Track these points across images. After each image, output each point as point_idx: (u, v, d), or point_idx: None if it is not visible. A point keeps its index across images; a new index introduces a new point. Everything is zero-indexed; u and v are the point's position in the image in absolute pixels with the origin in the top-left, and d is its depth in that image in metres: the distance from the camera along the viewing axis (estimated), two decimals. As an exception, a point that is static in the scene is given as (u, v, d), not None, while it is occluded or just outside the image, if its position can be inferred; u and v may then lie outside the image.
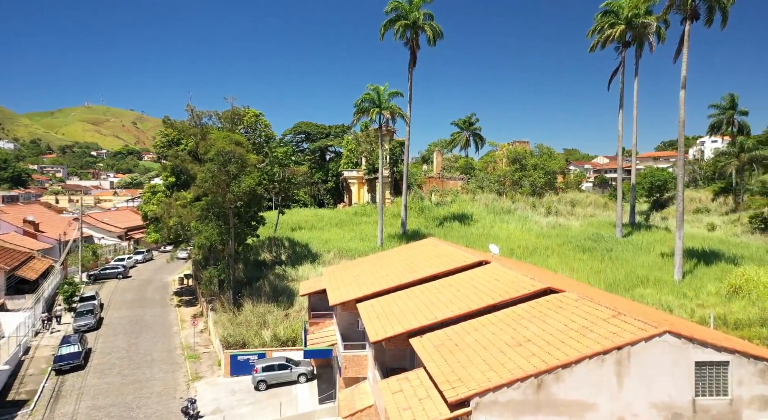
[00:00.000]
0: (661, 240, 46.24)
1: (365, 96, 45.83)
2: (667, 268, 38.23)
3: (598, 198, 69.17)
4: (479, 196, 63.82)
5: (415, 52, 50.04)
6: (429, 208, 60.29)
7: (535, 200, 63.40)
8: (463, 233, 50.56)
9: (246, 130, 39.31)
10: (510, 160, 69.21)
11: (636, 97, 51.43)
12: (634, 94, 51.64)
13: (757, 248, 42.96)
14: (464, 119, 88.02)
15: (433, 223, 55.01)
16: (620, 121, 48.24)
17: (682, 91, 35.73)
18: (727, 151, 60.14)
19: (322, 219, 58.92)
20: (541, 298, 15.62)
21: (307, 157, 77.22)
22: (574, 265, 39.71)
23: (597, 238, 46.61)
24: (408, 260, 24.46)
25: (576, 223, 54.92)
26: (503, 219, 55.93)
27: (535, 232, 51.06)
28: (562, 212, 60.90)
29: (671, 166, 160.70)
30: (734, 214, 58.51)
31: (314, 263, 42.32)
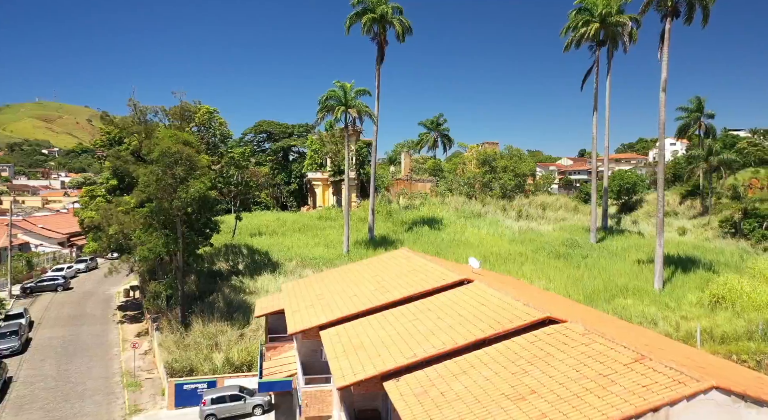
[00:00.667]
0: (635, 245, 45.07)
1: (330, 93, 42.87)
2: (645, 276, 36.82)
3: (568, 201, 68.19)
4: (449, 199, 61.71)
5: (383, 47, 47.40)
6: (397, 211, 57.75)
7: (505, 203, 61.75)
8: (433, 239, 48.21)
9: (199, 128, 35.78)
10: (479, 161, 67.44)
11: (608, 98, 50.26)
12: (607, 96, 50.48)
13: (731, 254, 42.21)
14: (432, 119, 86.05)
15: (401, 228, 52.46)
16: (594, 122, 46.92)
17: (662, 94, 34.32)
18: (696, 154, 59.90)
19: (285, 223, 55.52)
20: (540, 330, 13.17)
21: (269, 158, 73.55)
22: (550, 274, 37.87)
23: (571, 244, 45.05)
24: (378, 276, 21.69)
25: (548, 228, 53.39)
26: (474, 223, 53.91)
27: (507, 237, 49.18)
28: (533, 216, 59.42)
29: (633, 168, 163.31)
30: (703, 218, 58.27)
31: (275, 273, 39.07)
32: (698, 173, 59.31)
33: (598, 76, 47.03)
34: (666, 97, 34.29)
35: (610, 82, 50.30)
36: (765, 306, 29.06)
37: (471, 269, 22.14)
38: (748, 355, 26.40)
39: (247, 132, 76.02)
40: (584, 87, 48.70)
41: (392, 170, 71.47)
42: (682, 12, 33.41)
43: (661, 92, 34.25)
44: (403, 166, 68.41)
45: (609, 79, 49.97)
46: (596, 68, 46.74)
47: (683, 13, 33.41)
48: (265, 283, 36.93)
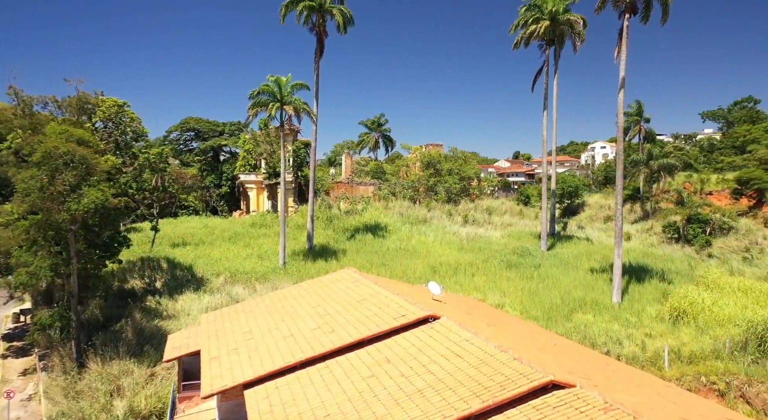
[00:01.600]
0: (586, 253, 43.66)
1: (263, 88, 38.30)
2: (601, 287, 35.08)
3: (513, 205, 66.90)
4: (393, 204, 58.51)
5: (322, 39, 43.37)
6: (338, 217, 53.83)
7: (451, 208, 59.34)
8: (378, 247, 44.71)
9: (105, 124, 30.30)
10: (424, 164, 64.74)
11: (555, 99, 48.92)
12: (554, 97, 49.10)
13: (680, 261, 41.60)
14: (373, 119, 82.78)
15: (343, 236, 48.60)
16: (545, 123, 45.14)
17: (620, 93, 32.56)
18: (637, 158, 60.09)
19: (213, 231, 50.17)
20: (541, 399, 9.88)
21: (197, 158, 67.35)
22: (503, 286, 35.36)
23: (522, 252, 42.95)
24: (320, 307, 17.80)
25: (496, 234, 51.31)
26: (420, 230, 50.95)
27: (455, 245, 46.52)
28: (479, 221, 57.33)
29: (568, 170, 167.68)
30: (645, 223, 58.42)
31: (199, 291, 34.06)
32: (640, 177, 59.45)
33: (548, 75, 45.36)
34: (624, 96, 32.56)
35: (557, 83, 48.95)
36: (728, 321, 27.70)
37: (431, 296, 18.74)
38: (716, 376, 24.76)
39: (172, 129, 69.40)
40: (535, 87, 46.97)
41: (332, 172, 67.45)
42: (640, 9, 31.75)
43: (619, 92, 32.48)
44: (344, 168, 64.53)
45: (556, 80, 48.59)
46: (546, 67, 45.03)
47: (641, 10, 31.75)
48: (187, 304, 31.93)
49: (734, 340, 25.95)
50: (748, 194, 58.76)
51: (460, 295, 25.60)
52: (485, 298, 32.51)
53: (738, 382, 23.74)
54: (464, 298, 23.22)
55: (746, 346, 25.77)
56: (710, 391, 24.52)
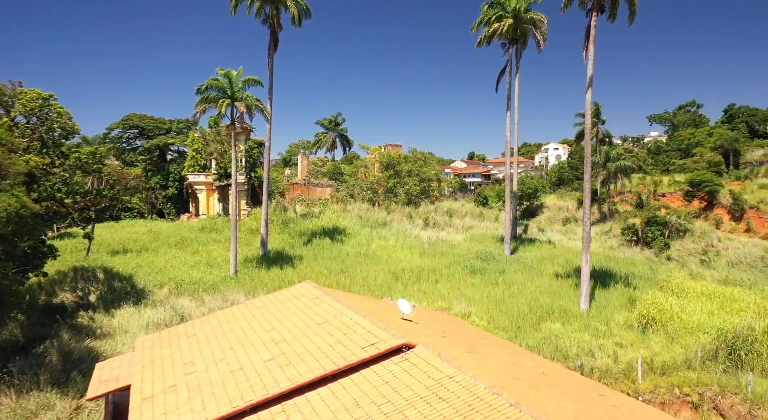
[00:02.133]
0: (549, 256, 42.93)
1: (212, 82, 35.32)
2: (567, 294, 34.19)
3: (473, 207, 66.06)
4: (351, 206, 56.36)
5: (276, 32, 40.80)
6: (294, 220, 51.20)
7: (411, 210, 57.75)
8: (336, 253, 42.48)
9: (27, 119, 26.74)
10: (383, 165, 62.91)
11: (517, 100, 48.16)
12: (516, 97, 48.35)
13: (642, 265, 41.48)
14: (330, 119, 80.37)
15: (299, 241, 46.05)
16: (508, 124, 44.12)
17: (588, 92, 31.66)
18: (595, 160, 60.34)
19: (158, 236, 46.53)
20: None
21: (141, 157, 62.96)
22: (469, 293, 33.92)
23: (486, 257, 41.77)
24: (276, 330, 15.53)
25: (458, 238, 50.02)
26: (380, 234, 49.03)
27: (417, 249, 44.88)
28: (440, 224, 55.99)
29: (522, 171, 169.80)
30: (603, 225, 58.71)
31: (140, 305, 30.84)
32: (598, 180, 59.68)
33: (511, 75, 44.39)
34: (591, 96, 31.69)
35: (519, 83, 48.22)
36: (697, 329, 27.18)
37: (401, 314, 16.78)
38: (690, 388, 24.06)
39: (113, 126, 64.62)
40: (499, 87, 45.92)
41: (287, 173, 64.62)
42: (607, 8, 30.96)
43: (587, 91, 31.58)
44: (300, 168, 61.84)
45: (518, 80, 47.84)
46: (509, 67, 44.03)
47: (608, 8, 30.96)
48: (126, 320, 28.71)
49: (705, 348, 25.37)
50: (700, 196, 60.10)
51: (431, 311, 23.79)
52: (450, 307, 31.00)
53: (711, 394, 23.01)
54: (436, 314, 21.42)
55: (717, 355, 25.21)
56: (683, 403, 23.74)
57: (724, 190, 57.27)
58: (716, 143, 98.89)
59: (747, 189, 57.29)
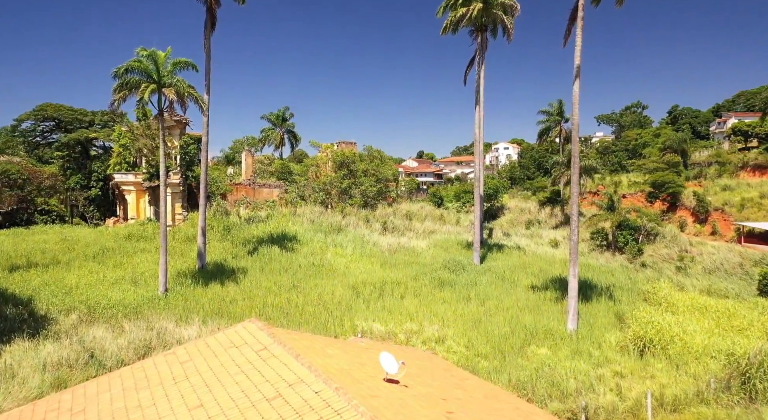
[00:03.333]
0: (521, 265, 39.47)
1: (133, 64, 29.09)
2: (549, 310, 30.60)
3: (433, 209, 62.23)
4: (302, 209, 51.05)
5: (213, 10, 35.22)
6: (237, 226, 45.37)
7: (368, 213, 53.14)
8: (287, 264, 37.24)
9: None
10: (336, 164, 57.93)
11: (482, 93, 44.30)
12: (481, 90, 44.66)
13: (620, 273, 38.75)
14: (277, 114, 74.50)
15: (243, 250, 40.42)
16: (477, 119, 40.18)
17: (575, 83, 28.00)
18: (558, 160, 57.86)
19: (74, 246, 39.65)
20: None
21: (58, 154, 54.98)
22: (440, 310, 29.71)
23: (455, 267, 37.77)
24: (201, 409, 10.54)
25: (421, 244, 45.84)
26: (336, 240, 44.09)
27: (378, 258, 40.32)
28: (400, 228, 51.68)
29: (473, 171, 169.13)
30: (568, 227, 56.27)
31: (37, 338, 24.53)
32: (562, 180, 57.18)
33: (481, 66, 40.46)
34: (579, 89, 28.09)
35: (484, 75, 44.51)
36: (703, 353, 24.06)
37: (385, 375, 12.11)
38: (706, 426, 20.86)
39: (23, 118, 56.17)
40: (467, 79, 41.87)
41: (230, 172, 58.45)
42: None
43: (574, 82, 27.94)
44: (245, 167, 55.87)
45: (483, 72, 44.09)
46: (479, 57, 40.10)
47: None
48: (16, 359, 22.44)
49: (716, 377, 22.21)
50: (662, 198, 58.81)
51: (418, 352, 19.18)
52: (421, 329, 26.71)
53: (730, 433, 19.78)
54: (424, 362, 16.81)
55: (730, 385, 22.08)
56: (701, 444, 20.40)
57: (687, 192, 56.10)
58: (665, 144, 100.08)
59: (710, 190, 56.35)
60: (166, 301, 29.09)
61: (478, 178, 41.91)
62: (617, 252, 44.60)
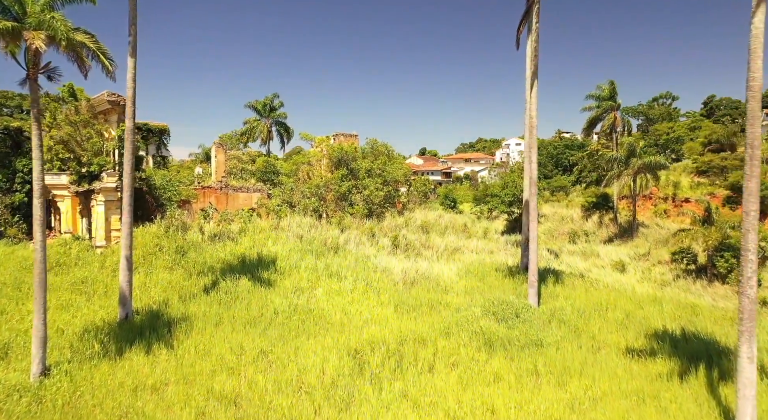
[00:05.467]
0: (596, 306, 27.27)
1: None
2: (681, 404, 18.69)
3: (454, 218, 50.25)
4: (287, 221, 39.06)
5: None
6: (198, 246, 33.38)
7: (372, 225, 41.19)
8: (257, 309, 25.27)
9: None
10: (333, 162, 45.98)
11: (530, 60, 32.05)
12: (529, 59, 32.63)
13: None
14: (263, 101, 62.51)
15: (199, 284, 28.42)
16: (529, 92, 27.72)
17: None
18: (615, 156, 45.73)
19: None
20: None
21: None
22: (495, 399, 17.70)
23: (503, 312, 25.72)
24: None
25: (446, 270, 33.82)
26: (330, 266, 32.09)
27: (388, 295, 28.28)
28: (414, 245, 39.71)
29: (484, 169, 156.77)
30: (625, 242, 44.27)
31: None
32: (622, 181, 45.02)
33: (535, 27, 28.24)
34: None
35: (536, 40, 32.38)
36: None
37: None
38: None
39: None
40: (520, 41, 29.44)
41: (198, 172, 46.53)
42: None
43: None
44: (215, 166, 43.89)
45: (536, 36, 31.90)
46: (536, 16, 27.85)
47: None
48: None
49: None
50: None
51: None
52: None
53: None
54: None
55: None
56: None
57: (781, 196, 43.98)
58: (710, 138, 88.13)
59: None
60: (37, 401, 17.05)
61: (529, 170, 29.23)
62: (717, 280, 32.59)
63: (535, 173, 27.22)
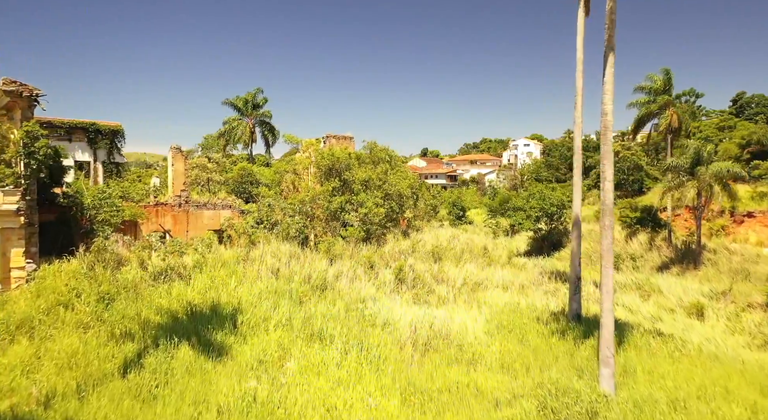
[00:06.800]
0: (699, 392, 18.69)
1: None
2: None
3: (470, 238, 41.42)
4: (261, 249, 30.24)
5: None
6: (133, 291, 24.57)
7: (371, 253, 32.40)
8: (195, 408, 16.58)
9: None
10: (323, 170, 37.18)
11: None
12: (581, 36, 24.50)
13: None
14: (245, 98, 53.68)
15: (117, 355, 19.57)
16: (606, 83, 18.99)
17: None
18: (674, 163, 36.82)
19: None
20: None
21: None
22: None
23: (568, 413, 17.09)
24: None
25: (469, 321, 24.91)
26: (312, 322, 23.25)
27: (396, 379, 19.40)
28: (424, 278, 30.88)
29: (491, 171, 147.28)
30: (689, 270, 35.47)
31: None
32: (685, 195, 36.12)
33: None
34: None
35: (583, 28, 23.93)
36: None
37: None
38: None
39: None
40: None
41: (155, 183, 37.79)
42: None
43: None
44: (173, 176, 35.03)
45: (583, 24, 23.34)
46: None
47: None
48: None
49: None
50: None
51: None
52: None
53: None
54: None
55: None
56: None
57: None
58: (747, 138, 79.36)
59: None
60: None
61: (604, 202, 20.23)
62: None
63: (610, 196, 18.37)
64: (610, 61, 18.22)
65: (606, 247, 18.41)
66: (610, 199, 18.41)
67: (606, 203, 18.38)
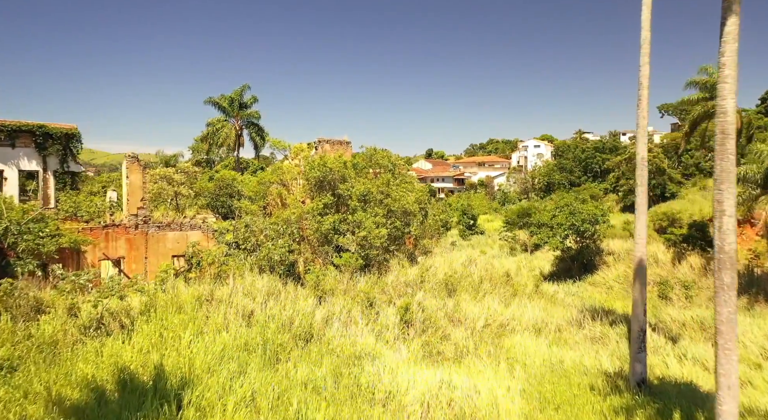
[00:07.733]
0: None
1: None
2: None
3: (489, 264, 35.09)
4: (231, 286, 24.08)
5: None
6: (49, 351, 18.49)
7: (371, 285, 26.16)
8: None
9: None
10: (314, 182, 30.99)
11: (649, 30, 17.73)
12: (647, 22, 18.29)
13: None
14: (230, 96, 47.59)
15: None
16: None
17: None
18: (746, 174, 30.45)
19: None
20: None
21: None
22: None
23: None
24: None
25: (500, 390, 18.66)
26: (287, 397, 17.10)
27: None
28: (435, 320, 24.64)
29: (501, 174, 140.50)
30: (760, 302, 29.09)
31: None
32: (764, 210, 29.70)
33: None
34: None
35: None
36: None
37: None
38: None
39: None
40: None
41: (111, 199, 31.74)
42: None
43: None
44: (128, 190, 28.93)
45: None
46: None
47: None
48: None
49: None
50: None
51: None
52: None
53: None
54: None
55: None
56: None
57: None
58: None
59: None
60: None
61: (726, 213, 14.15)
62: None
63: (732, 240, 12.11)
64: (730, 30, 11.90)
65: (726, 317, 12.10)
66: (730, 244, 12.10)
67: (725, 250, 12.09)
